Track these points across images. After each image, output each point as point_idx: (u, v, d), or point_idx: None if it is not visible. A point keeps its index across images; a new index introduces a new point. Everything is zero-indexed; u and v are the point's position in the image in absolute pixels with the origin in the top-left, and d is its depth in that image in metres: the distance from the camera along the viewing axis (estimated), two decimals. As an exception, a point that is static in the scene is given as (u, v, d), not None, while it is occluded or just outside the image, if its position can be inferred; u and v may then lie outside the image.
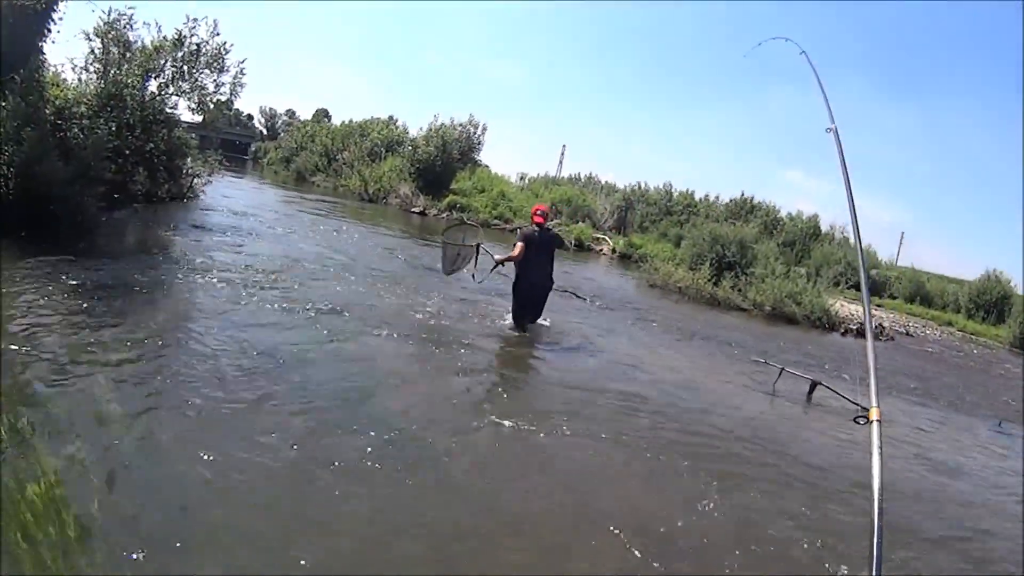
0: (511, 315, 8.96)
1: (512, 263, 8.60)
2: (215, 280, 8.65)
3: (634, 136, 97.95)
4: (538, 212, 8.96)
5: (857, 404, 8.43)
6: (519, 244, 8.50)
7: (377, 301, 9.36)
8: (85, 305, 6.51)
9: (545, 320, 9.31)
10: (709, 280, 17.54)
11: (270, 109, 78.40)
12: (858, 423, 2.66)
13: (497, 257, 8.62)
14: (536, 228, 8.73)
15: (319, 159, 40.07)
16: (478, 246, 8.91)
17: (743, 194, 30.54)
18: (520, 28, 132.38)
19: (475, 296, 10.76)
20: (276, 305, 7.91)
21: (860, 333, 16.32)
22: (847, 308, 18.42)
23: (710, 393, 7.94)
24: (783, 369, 8.76)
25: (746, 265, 18.35)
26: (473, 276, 9.13)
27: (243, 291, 8.29)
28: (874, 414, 2.27)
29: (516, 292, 8.76)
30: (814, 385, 8.47)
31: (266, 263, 10.30)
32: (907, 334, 19.32)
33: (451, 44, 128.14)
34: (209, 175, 18.24)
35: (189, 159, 16.57)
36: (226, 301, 7.67)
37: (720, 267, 18.33)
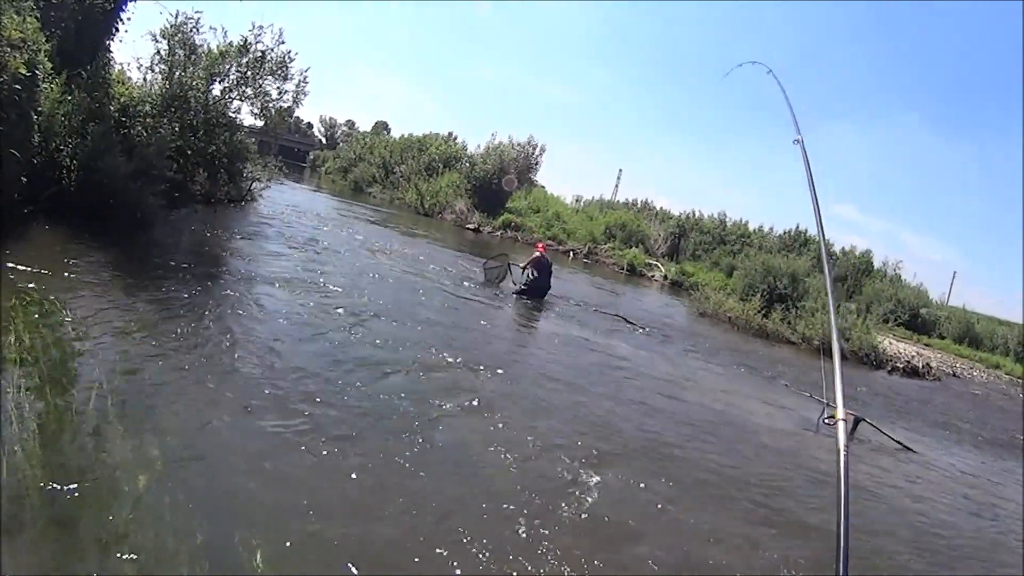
0: (522, 296, 12.52)
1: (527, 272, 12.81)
2: (263, 283, 8.67)
3: (690, 163, 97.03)
4: (540, 247, 13.25)
5: (900, 443, 8.48)
6: (530, 262, 12.76)
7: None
8: (137, 294, 6.62)
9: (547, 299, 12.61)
10: (759, 311, 17.39)
11: (330, 119, 79.96)
12: (827, 424, 2.50)
13: (521, 264, 13.05)
14: (542, 255, 12.81)
15: (377, 171, 40.51)
16: (509, 265, 13.45)
17: (797, 227, 29.74)
18: (579, 52, 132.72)
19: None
20: (333, 318, 7.81)
21: (907, 371, 16.31)
22: (895, 346, 18.15)
23: (756, 425, 7.86)
24: (827, 403, 8.38)
25: (797, 298, 18.18)
26: (513, 283, 13.05)
27: (292, 297, 8.25)
28: (840, 413, 2.26)
29: (529, 288, 12.61)
30: (858, 421, 8.31)
31: (324, 274, 10.21)
32: (954, 375, 18.74)
33: (510, 63, 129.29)
34: (268, 180, 18.51)
35: (249, 163, 16.79)
36: (272, 305, 7.63)
37: (771, 299, 18.24)
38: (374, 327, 7.63)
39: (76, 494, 3.17)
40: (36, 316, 5.12)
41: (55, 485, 3.17)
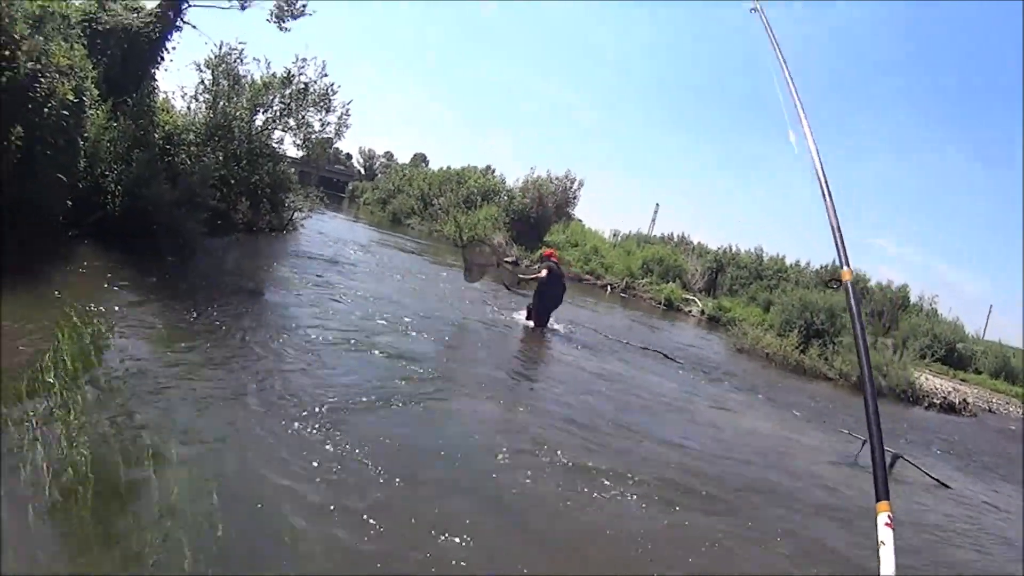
0: (531, 319, 11.41)
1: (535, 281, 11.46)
2: (305, 309, 8.64)
3: (726, 197, 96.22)
4: (549, 252, 12.31)
5: (937, 480, 8.27)
6: (544, 271, 11.27)
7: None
8: (174, 319, 6.60)
9: (556, 325, 11.75)
10: (797, 347, 17.22)
11: (369, 150, 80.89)
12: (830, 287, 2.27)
13: (523, 276, 11.95)
14: (554, 263, 11.45)
15: (415, 203, 40.72)
16: (499, 263, 12.28)
17: (834, 262, 29.08)
18: (615, 86, 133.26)
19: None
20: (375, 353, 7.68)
21: (944, 408, 16.20)
22: (932, 382, 17.74)
23: (793, 461, 7.77)
24: (865, 441, 8.38)
25: (834, 334, 17.96)
26: (507, 287, 12.56)
27: (337, 328, 8.12)
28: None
29: (540, 301, 11.32)
30: (895, 458, 8.33)
31: (362, 305, 10.04)
32: (990, 411, 18.43)
33: (545, 94, 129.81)
34: (309, 210, 18.71)
35: (291, 193, 16.98)
36: (317, 334, 7.50)
37: (808, 334, 18.09)
38: (411, 359, 7.43)
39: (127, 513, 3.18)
40: (79, 338, 5.08)
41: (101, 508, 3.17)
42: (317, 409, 5.04)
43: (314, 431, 4.67)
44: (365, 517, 3.72)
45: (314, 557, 3.29)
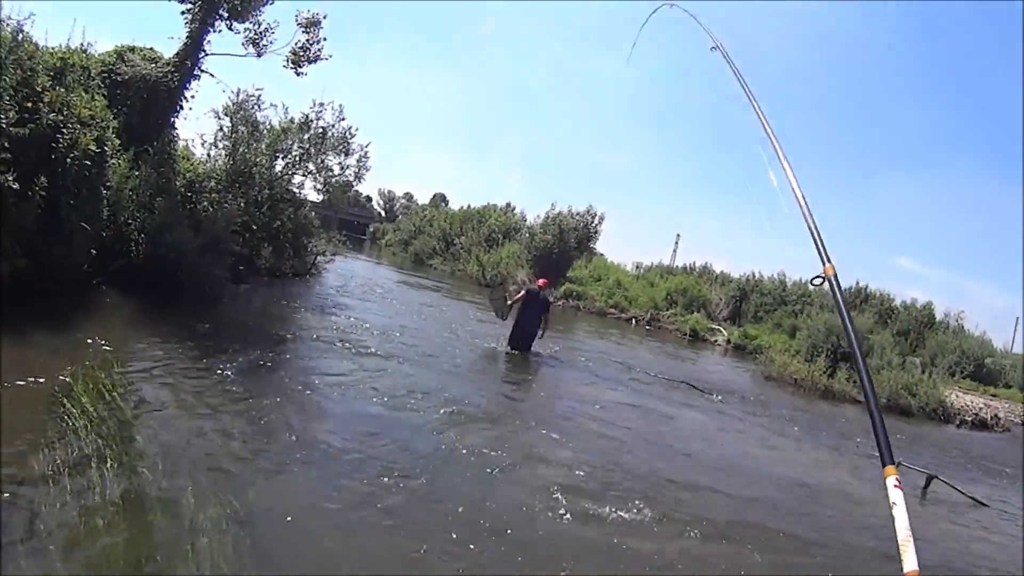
0: (508, 342, 11.60)
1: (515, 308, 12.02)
2: (329, 354, 8.61)
3: (747, 223, 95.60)
4: (540, 281, 12.82)
5: (973, 498, 8.19)
6: (523, 292, 11.99)
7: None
8: (203, 365, 6.60)
9: (537, 351, 11.80)
10: (824, 372, 17.03)
11: (388, 192, 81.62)
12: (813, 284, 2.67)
13: (509, 301, 12.33)
14: (538, 289, 11.76)
15: (437, 243, 40.94)
16: (504, 298, 12.73)
17: (857, 283, 28.75)
18: (630, 119, 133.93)
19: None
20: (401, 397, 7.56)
21: (976, 424, 16.13)
22: (962, 399, 17.45)
23: (825, 485, 7.74)
24: (899, 463, 8.18)
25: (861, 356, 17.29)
26: (500, 315, 12.36)
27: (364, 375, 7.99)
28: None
29: (515, 326, 11.59)
30: (930, 479, 8.37)
31: (384, 344, 10.03)
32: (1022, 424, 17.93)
33: (562, 131, 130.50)
34: (332, 254, 18.79)
35: (314, 238, 17.07)
36: (342, 382, 7.40)
37: (835, 358, 17.90)
38: (442, 398, 7.39)
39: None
40: (102, 386, 5.03)
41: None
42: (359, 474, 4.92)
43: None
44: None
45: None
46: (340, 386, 7.04)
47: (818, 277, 2.62)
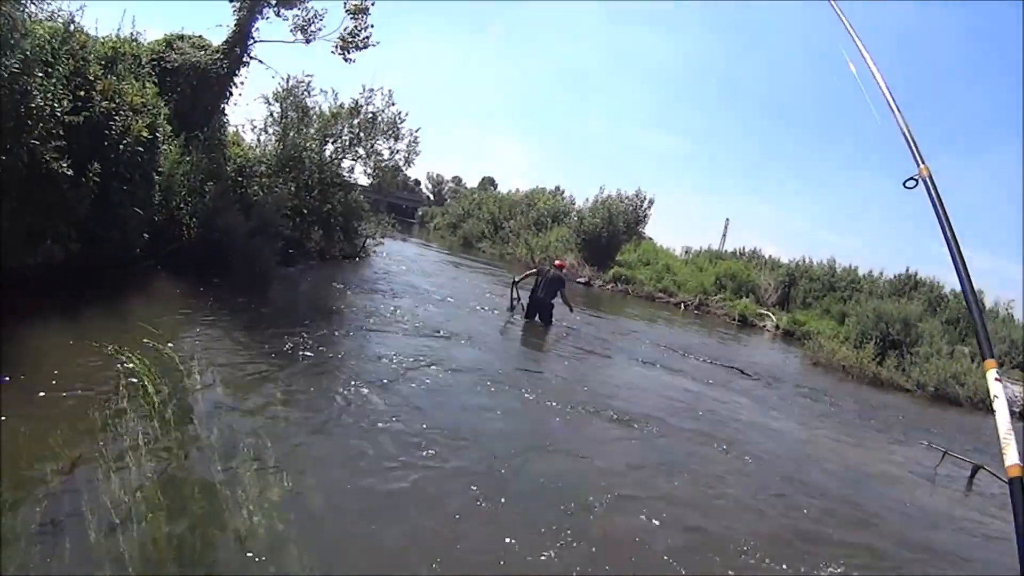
0: (524, 313, 12.47)
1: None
2: (381, 335, 8.64)
3: (797, 209, 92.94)
4: (557, 263, 13.44)
5: None
6: (532, 271, 12.86)
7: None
8: (255, 346, 6.74)
9: (556, 323, 12.28)
10: (873, 359, 16.82)
11: (437, 175, 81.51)
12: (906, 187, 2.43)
13: (516, 278, 13.33)
14: (550, 268, 12.54)
15: (485, 226, 40.91)
16: (514, 282, 13.29)
17: (907, 270, 27.85)
18: (681, 99, 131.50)
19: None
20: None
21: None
22: (1011, 389, 16.60)
23: (872, 473, 7.67)
24: (946, 452, 8.58)
25: (910, 344, 17.68)
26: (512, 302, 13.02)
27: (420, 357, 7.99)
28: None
29: (530, 301, 12.36)
30: (976, 470, 8.25)
31: (441, 325, 10.10)
32: None
33: (613, 113, 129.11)
34: (381, 237, 18.99)
35: (363, 221, 17.26)
36: (394, 361, 7.44)
37: (884, 345, 17.78)
38: (493, 383, 7.38)
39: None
40: (158, 367, 5.13)
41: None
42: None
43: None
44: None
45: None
46: (395, 366, 7.08)
47: (911, 180, 2.45)
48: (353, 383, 6.11)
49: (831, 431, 9.42)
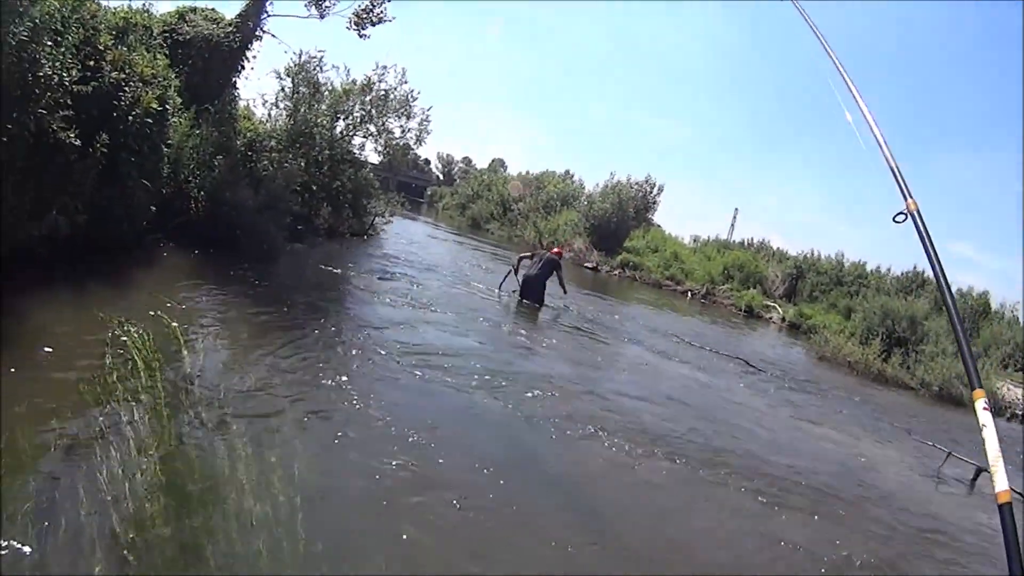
0: (519, 294, 12.33)
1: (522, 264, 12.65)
2: (386, 314, 8.58)
3: (805, 200, 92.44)
4: (555, 250, 13.37)
5: (1020, 493, 7.61)
6: (527, 254, 13.01)
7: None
8: (259, 321, 6.75)
9: (546, 304, 12.30)
10: (879, 356, 16.83)
11: (447, 155, 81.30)
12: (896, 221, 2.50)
13: (515, 259, 12.99)
14: (545, 251, 12.89)
15: (494, 208, 40.80)
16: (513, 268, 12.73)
17: (915, 267, 27.74)
18: (692, 88, 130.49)
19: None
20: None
21: None
22: (1013, 392, 16.73)
23: (873, 473, 7.56)
24: (949, 453, 8.58)
25: (916, 342, 17.57)
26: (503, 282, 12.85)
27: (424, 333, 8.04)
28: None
29: (522, 282, 12.26)
30: (979, 471, 8.13)
31: (441, 305, 10.07)
32: None
33: (622, 100, 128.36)
34: (391, 215, 18.92)
35: (373, 199, 17.18)
36: (398, 338, 7.42)
37: (890, 343, 17.71)
38: (499, 368, 7.30)
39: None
40: (160, 340, 5.11)
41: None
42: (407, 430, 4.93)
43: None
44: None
45: None
46: (398, 348, 6.98)
47: (901, 214, 2.50)
48: (345, 375, 6.06)
49: (834, 428, 9.39)
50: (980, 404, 1.92)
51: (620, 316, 14.48)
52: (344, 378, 5.55)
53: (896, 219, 2.50)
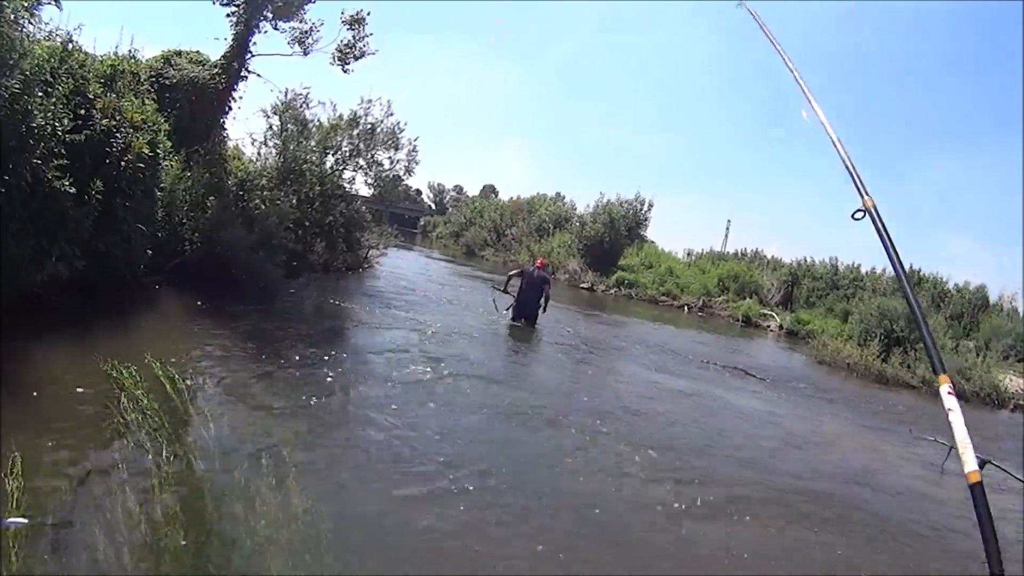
0: (511, 315, 12.53)
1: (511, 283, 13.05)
2: (384, 348, 8.66)
3: (797, 208, 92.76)
4: (539, 261, 13.10)
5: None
6: (518, 271, 12.96)
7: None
8: (258, 360, 6.77)
9: (538, 325, 12.39)
10: (878, 356, 16.88)
11: (438, 184, 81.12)
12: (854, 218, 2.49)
13: (506, 277, 13.37)
14: (534, 269, 12.43)
15: (488, 234, 40.98)
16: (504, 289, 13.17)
17: (911, 266, 27.79)
18: (677, 101, 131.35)
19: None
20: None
21: None
22: (1016, 382, 16.84)
23: (879, 470, 7.71)
24: (952, 448, 7.93)
25: (915, 340, 17.42)
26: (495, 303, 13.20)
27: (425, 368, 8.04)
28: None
29: (516, 302, 12.47)
30: (983, 463, 7.71)
31: (442, 337, 10.10)
32: None
33: (611, 117, 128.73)
34: (384, 247, 19.02)
35: (366, 232, 17.29)
36: (400, 375, 7.43)
37: (889, 343, 17.72)
38: (500, 389, 7.46)
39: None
40: (159, 382, 5.18)
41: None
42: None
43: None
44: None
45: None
46: (395, 381, 7.04)
47: (859, 211, 2.51)
48: (352, 398, 6.12)
49: (835, 427, 9.50)
50: (944, 389, 1.97)
51: (620, 334, 14.54)
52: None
53: (855, 216, 2.53)
